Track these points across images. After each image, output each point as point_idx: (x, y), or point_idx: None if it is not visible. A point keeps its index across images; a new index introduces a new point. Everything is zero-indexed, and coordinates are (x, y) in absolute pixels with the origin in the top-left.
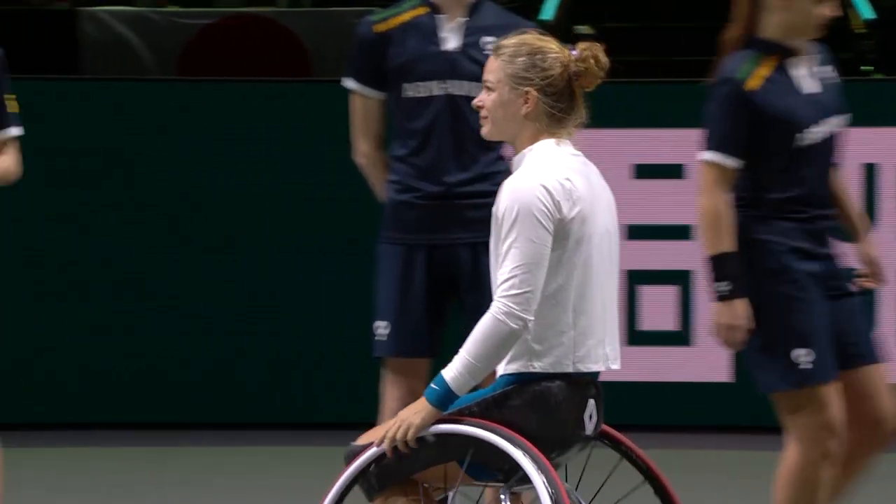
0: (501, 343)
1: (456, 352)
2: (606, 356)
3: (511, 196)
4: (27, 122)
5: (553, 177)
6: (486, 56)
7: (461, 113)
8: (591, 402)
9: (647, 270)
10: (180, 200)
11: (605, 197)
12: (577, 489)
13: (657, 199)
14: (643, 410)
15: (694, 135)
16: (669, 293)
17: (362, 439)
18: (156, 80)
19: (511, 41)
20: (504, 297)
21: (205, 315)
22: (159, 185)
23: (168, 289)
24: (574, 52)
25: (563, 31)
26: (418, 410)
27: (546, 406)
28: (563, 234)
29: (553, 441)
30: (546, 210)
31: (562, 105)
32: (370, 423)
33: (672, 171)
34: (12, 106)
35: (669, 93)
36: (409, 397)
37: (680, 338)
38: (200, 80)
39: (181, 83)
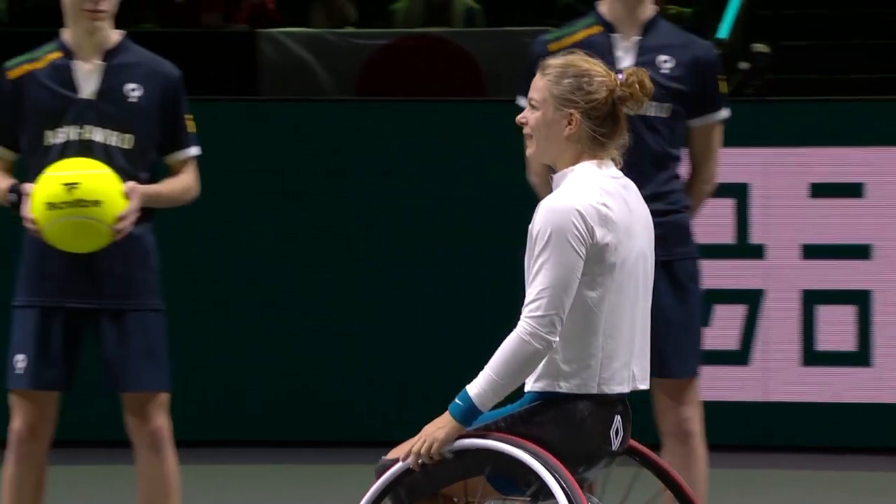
0: (525, 362)
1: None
2: (633, 376)
3: (546, 217)
4: (206, 143)
5: (588, 201)
6: (662, 75)
7: (635, 132)
8: (618, 417)
9: (825, 290)
10: (355, 220)
11: (643, 219)
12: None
13: (835, 218)
14: (820, 432)
15: (872, 153)
16: (847, 313)
17: (393, 453)
18: (333, 100)
19: (558, 61)
20: (530, 317)
21: (359, 333)
22: (334, 205)
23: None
24: (620, 77)
25: (739, 49)
26: (442, 426)
27: (571, 422)
28: (596, 258)
29: (578, 456)
30: (579, 234)
31: (604, 129)
32: None
33: (850, 190)
34: (190, 126)
35: (847, 111)
36: None
37: (858, 358)
38: (377, 101)
39: (358, 104)
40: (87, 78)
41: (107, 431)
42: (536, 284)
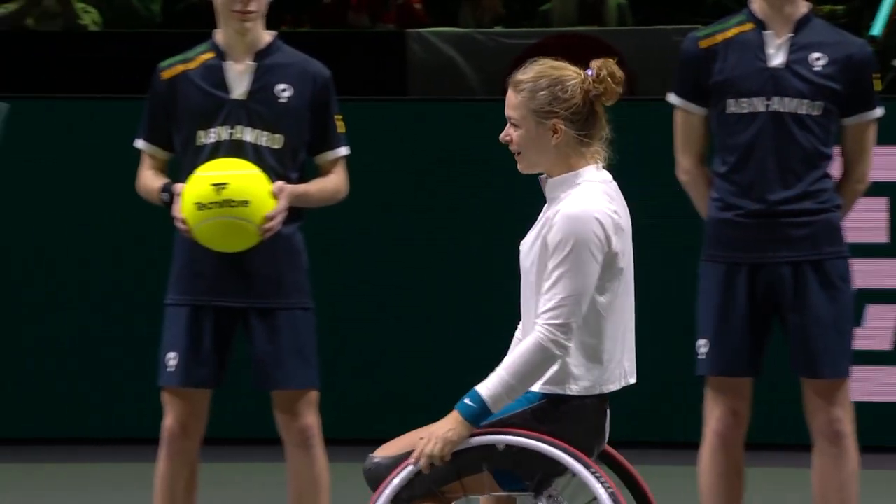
0: (542, 367)
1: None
2: (625, 373)
3: (567, 227)
4: (355, 143)
5: (604, 210)
6: (815, 72)
7: (786, 130)
8: (608, 413)
9: None
10: (506, 216)
11: (629, 221)
12: None
13: None
14: None
15: None
16: None
17: (381, 452)
18: (481, 100)
19: (528, 75)
20: (551, 324)
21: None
22: (483, 202)
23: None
24: (590, 73)
25: (892, 46)
26: (452, 427)
27: (583, 419)
28: (609, 265)
29: (588, 452)
30: (599, 244)
31: (587, 129)
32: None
33: None
34: (340, 126)
35: None
36: (730, 416)
37: None
38: None
39: (503, 103)
40: (239, 78)
41: (257, 429)
42: (557, 292)
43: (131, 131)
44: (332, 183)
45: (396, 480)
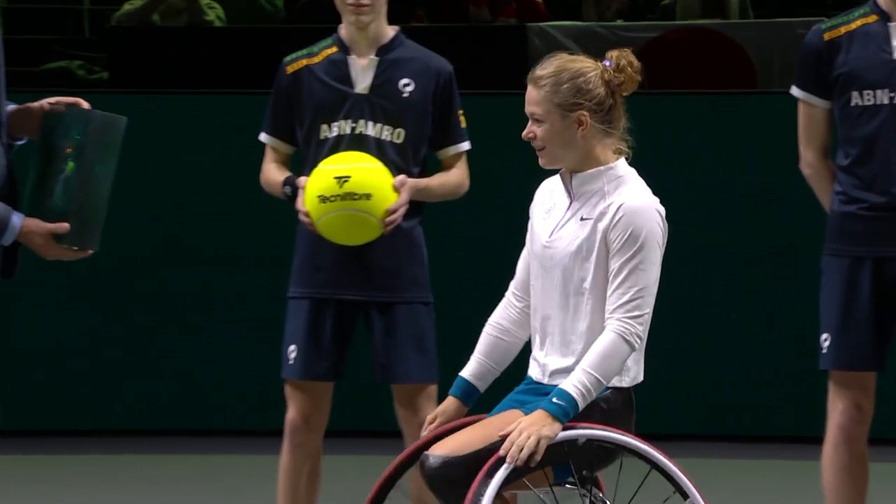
0: (623, 360)
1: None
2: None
3: (636, 219)
4: (477, 137)
5: (657, 201)
6: None
7: None
8: None
9: None
10: None
11: None
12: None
13: None
14: None
15: None
16: None
17: (441, 451)
18: None
19: (548, 69)
20: (630, 317)
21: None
22: None
23: None
24: (609, 64)
25: None
26: (546, 424)
27: (632, 409)
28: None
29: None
30: (663, 236)
31: (610, 119)
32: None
33: None
34: (462, 121)
35: None
36: (854, 410)
37: None
38: (645, 94)
39: (626, 96)
40: (362, 73)
41: (377, 422)
42: (631, 284)
43: (256, 126)
44: (454, 177)
45: (499, 476)
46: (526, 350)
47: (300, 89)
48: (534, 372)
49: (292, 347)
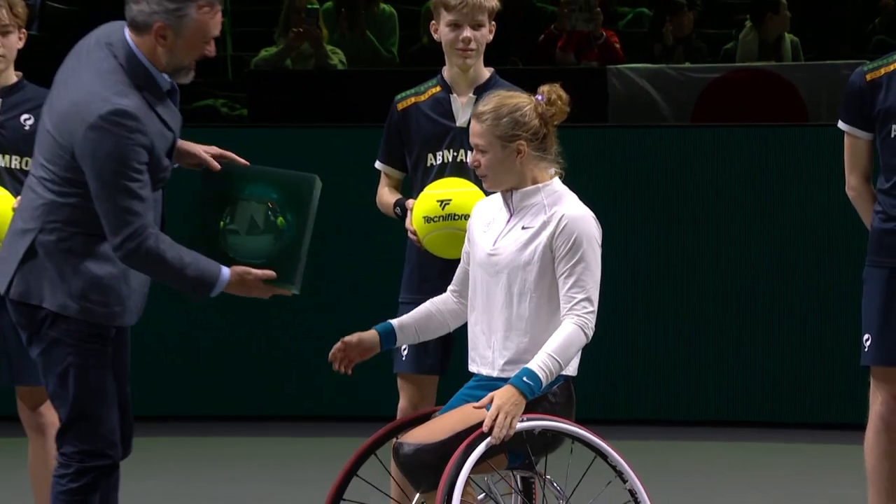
0: (579, 349)
1: None
2: None
3: (577, 227)
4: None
5: (592, 213)
6: None
7: None
8: None
9: None
10: (691, 231)
11: None
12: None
13: None
14: None
15: None
16: None
17: (414, 439)
18: (672, 126)
19: (489, 106)
20: (586, 313)
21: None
22: (672, 220)
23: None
24: (541, 98)
25: None
26: (516, 402)
27: (573, 402)
28: None
29: None
30: (599, 239)
31: (545, 146)
32: None
33: None
34: None
35: None
36: (893, 401)
37: None
38: (710, 126)
39: (694, 129)
40: (462, 109)
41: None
42: (582, 284)
43: (372, 154)
44: None
45: (479, 451)
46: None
47: (409, 124)
48: (482, 369)
49: (403, 346)
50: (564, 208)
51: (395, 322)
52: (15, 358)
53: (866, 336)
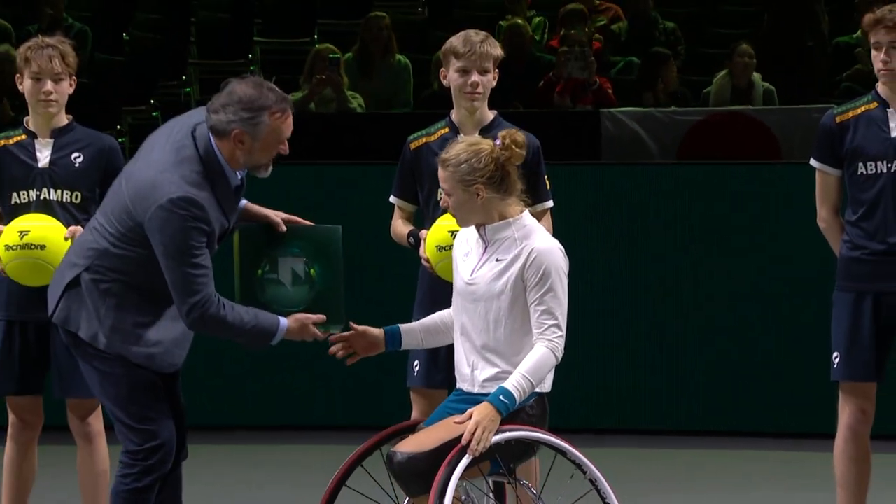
0: (550, 370)
1: None
2: None
3: (545, 259)
4: (560, 197)
5: (559, 245)
6: None
7: None
8: None
9: None
10: (683, 259)
11: None
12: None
13: None
14: None
15: None
16: None
17: (407, 448)
18: (658, 163)
19: (451, 153)
20: (556, 337)
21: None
22: (666, 251)
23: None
24: (498, 143)
25: None
26: (493, 418)
27: (547, 414)
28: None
29: None
30: (566, 269)
31: (504, 187)
32: None
33: None
34: (547, 184)
35: None
36: (859, 413)
37: None
38: (694, 163)
39: (679, 166)
40: None
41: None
42: (551, 311)
43: (387, 189)
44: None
45: (464, 463)
46: None
47: (420, 161)
48: (463, 385)
49: (416, 362)
50: (534, 242)
51: (402, 326)
52: (65, 372)
53: (835, 354)
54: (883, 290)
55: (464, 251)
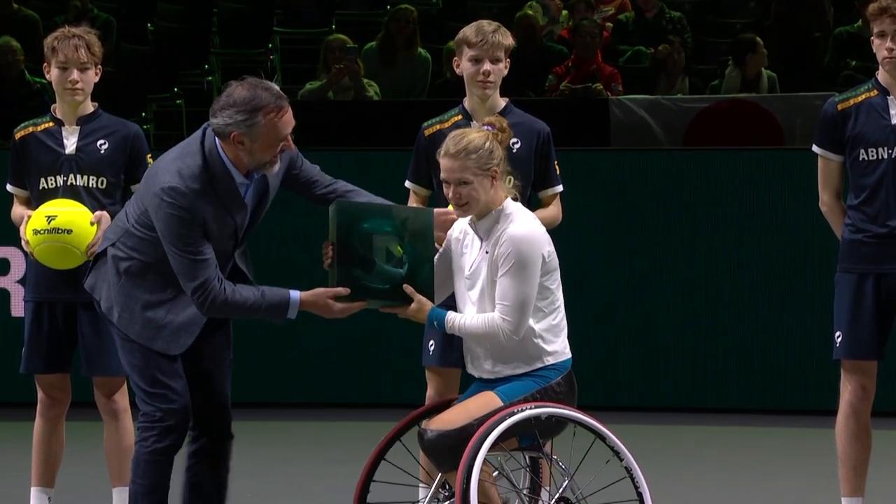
0: (489, 339)
1: None
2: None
3: (514, 245)
4: (569, 182)
5: (542, 230)
6: None
7: None
8: None
9: None
10: (686, 243)
11: None
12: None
13: None
14: None
15: None
16: None
17: (436, 426)
18: (666, 149)
19: (460, 146)
20: (506, 320)
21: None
22: (673, 235)
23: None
24: (491, 129)
25: None
26: (421, 318)
27: (575, 391)
28: (547, 268)
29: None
30: (542, 255)
31: (506, 167)
32: None
33: None
34: (557, 169)
35: None
36: (860, 391)
37: None
38: (699, 150)
39: (686, 152)
40: None
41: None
42: (506, 295)
43: (403, 173)
44: (551, 212)
45: (493, 435)
46: None
47: (434, 148)
48: (474, 372)
49: (431, 341)
50: (511, 228)
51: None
52: (91, 352)
53: (837, 333)
54: (884, 271)
55: (463, 244)
